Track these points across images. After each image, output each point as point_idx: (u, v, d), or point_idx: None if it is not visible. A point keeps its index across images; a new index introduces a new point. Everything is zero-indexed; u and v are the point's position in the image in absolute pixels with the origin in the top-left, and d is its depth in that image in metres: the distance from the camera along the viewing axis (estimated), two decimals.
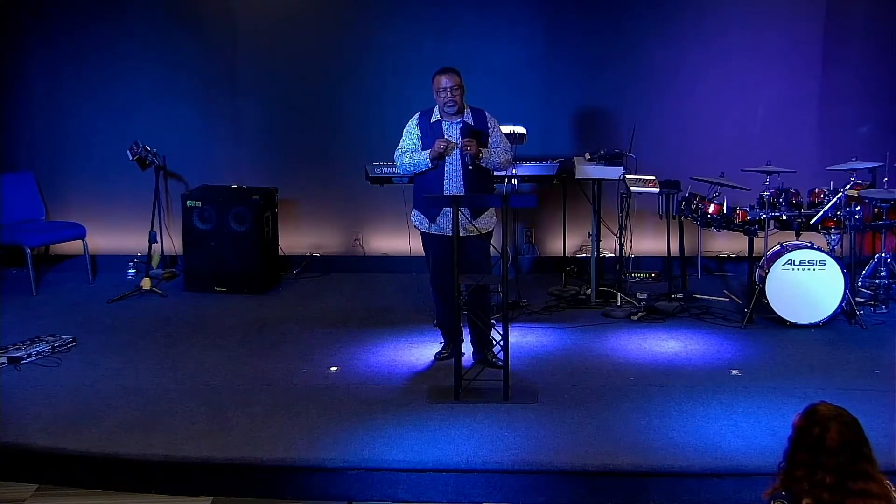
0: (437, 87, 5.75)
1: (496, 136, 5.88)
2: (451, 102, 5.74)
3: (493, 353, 5.89)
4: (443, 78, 5.74)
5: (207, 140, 8.36)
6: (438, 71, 5.79)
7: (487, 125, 5.87)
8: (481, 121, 5.86)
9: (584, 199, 7.55)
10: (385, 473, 4.75)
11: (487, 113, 5.91)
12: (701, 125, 8.08)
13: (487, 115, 5.91)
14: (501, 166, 5.93)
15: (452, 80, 5.74)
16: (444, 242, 5.77)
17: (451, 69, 5.80)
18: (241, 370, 5.98)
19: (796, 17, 8.02)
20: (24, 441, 5.02)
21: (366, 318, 7.00)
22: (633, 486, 4.70)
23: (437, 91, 5.75)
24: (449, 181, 5.78)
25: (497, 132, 5.91)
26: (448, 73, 5.76)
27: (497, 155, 5.84)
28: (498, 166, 5.90)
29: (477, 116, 5.86)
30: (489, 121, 5.89)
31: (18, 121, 8.39)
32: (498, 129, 5.93)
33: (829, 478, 2.86)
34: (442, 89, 5.74)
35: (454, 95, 5.73)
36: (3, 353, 6.09)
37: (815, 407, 2.97)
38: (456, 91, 5.74)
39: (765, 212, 6.82)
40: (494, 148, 5.83)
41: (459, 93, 5.76)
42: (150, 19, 8.22)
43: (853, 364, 5.96)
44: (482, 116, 5.88)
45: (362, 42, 8.19)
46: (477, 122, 5.84)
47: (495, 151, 5.83)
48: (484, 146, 5.78)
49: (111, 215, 8.34)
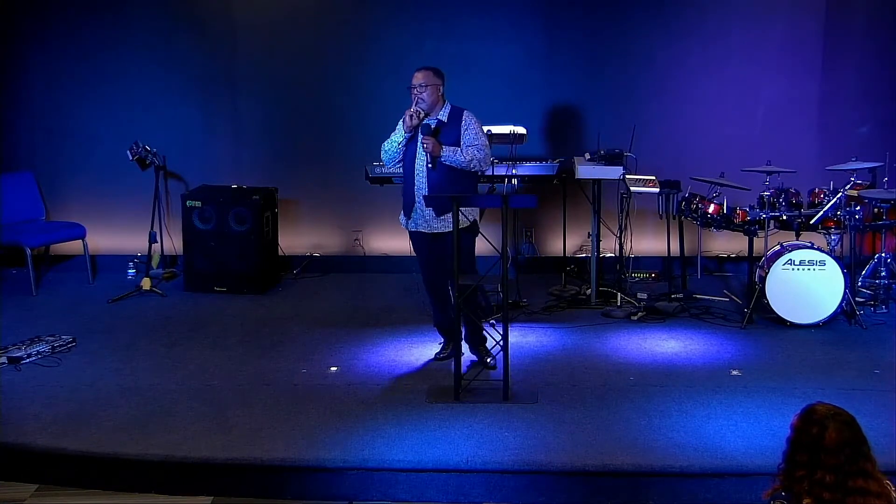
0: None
1: (469, 135, 5.73)
2: (419, 100, 5.70)
3: (487, 349, 5.90)
4: (414, 75, 5.73)
5: (207, 140, 8.36)
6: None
7: (461, 124, 5.75)
8: (456, 119, 5.76)
9: (584, 199, 7.56)
10: (385, 473, 4.75)
11: (467, 112, 5.79)
12: (701, 125, 8.08)
13: (465, 115, 5.78)
14: (470, 166, 5.72)
15: (419, 79, 5.70)
16: (420, 239, 5.86)
17: (426, 67, 5.75)
18: (241, 370, 5.98)
19: (796, 18, 8.02)
20: (24, 441, 5.02)
21: (366, 318, 7.00)
22: (633, 486, 4.70)
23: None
24: (417, 179, 5.75)
25: (471, 132, 5.75)
26: (418, 71, 5.73)
27: (463, 154, 5.68)
28: (464, 165, 5.70)
29: (453, 115, 5.77)
30: (464, 120, 5.76)
31: (18, 121, 8.39)
32: (473, 129, 5.76)
33: (829, 477, 2.86)
34: (410, 86, 5.73)
35: (420, 93, 5.69)
36: (3, 353, 6.09)
37: (812, 407, 2.97)
38: (423, 89, 5.69)
39: (765, 212, 6.82)
40: (466, 146, 5.71)
41: (429, 92, 5.70)
42: (150, 19, 8.22)
43: (853, 364, 5.96)
44: (458, 115, 5.77)
45: (362, 42, 8.19)
46: (452, 120, 5.75)
47: (463, 150, 5.70)
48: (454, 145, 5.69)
49: (111, 215, 8.34)
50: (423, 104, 5.72)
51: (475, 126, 5.78)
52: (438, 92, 5.75)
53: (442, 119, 5.76)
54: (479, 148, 5.75)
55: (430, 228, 5.78)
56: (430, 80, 5.71)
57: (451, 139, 5.72)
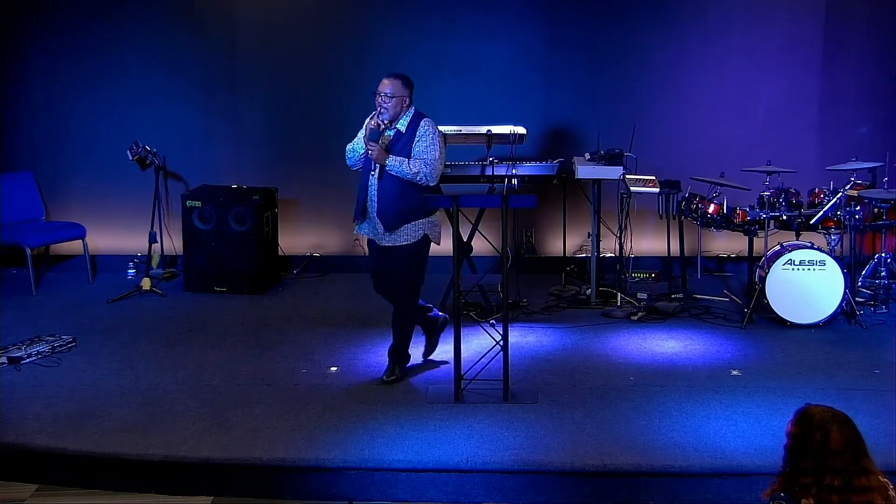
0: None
1: (420, 145, 5.52)
2: (383, 110, 5.51)
3: (401, 369, 5.77)
4: (382, 81, 5.55)
5: (207, 140, 8.36)
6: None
7: (416, 133, 5.54)
8: (414, 128, 5.55)
9: (584, 199, 7.56)
10: (385, 473, 4.75)
11: (426, 121, 5.58)
12: (701, 125, 8.08)
13: (424, 124, 5.56)
14: (416, 178, 5.49)
15: (385, 87, 5.51)
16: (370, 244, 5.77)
17: (395, 76, 5.55)
18: (241, 370, 5.98)
19: (796, 18, 8.02)
20: (24, 441, 5.02)
21: (366, 318, 7.00)
22: (633, 486, 4.70)
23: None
24: (370, 190, 5.61)
25: (423, 143, 5.53)
26: (386, 79, 5.54)
27: (409, 166, 5.48)
28: (409, 177, 5.49)
29: (413, 124, 5.57)
30: (421, 128, 5.54)
31: (18, 121, 8.39)
32: (426, 140, 5.53)
33: (836, 480, 2.86)
34: (375, 93, 5.55)
35: (385, 102, 5.49)
36: (3, 353, 6.09)
37: (807, 412, 2.96)
38: (388, 99, 5.49)
39: (765, 212, 6.82)
40: (414, 159, 5.51)
41: (393, 102, 5.49)
42: (150, 19, 8.22)
43: (853, 364, 5.96)
44: (417, 124, 5.56)
45: (362, 42, 8.18)
46: (410, 130, 5.55)
47: (410, 161, 5.50)
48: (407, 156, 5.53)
49: (111, 215, 8.34)
50: (386, 114, 5.52)
51: (430, 137, 5.54)
52: (404, 103, 5.54)
53: (400, 129, 5.56)
54: (427, 162, 5.50)
55: (380, 241, 5.66)
56: (398, 90, 5.51)
57: (405, 151, 5.53)
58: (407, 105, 5.59)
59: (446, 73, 8.11)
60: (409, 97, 5.59)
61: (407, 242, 5.61)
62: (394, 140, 5.57)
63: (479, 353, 5.59)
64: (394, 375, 5.75)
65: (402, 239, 5.61)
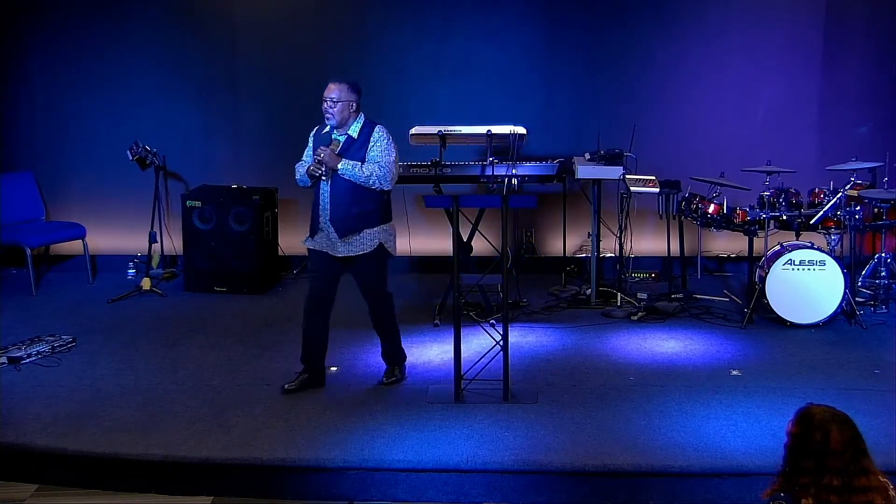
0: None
1: (375, 150, 5.40)
2: (328, 115, 5.39)
3: (400, 369, 5.77)
4: (328, 86, 5.39)
5: (207, 140, 8.36)
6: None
7: (370, 139, 5.42)
8: (367, 135, 5.43)
9: (584, 199, 7.56)
10: (385, 473, 4.75)
11: (380, 128, 5.46)
12: (701, 125, 8.08)
13: (377, 130, 5.45)
14: (369, 182, 5.37)
15: (331, 92, 5.37)
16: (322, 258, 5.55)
17: (341, 81, 5.40)
18: (241, 370, 5.98)
19: (796, 18, 8.02)
20: (24, 441, 5.02)
21: (366, 318, 6.95)
22: (633, 486, 4.70)
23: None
24: (323, 196, 5.47)
25: (378, 148, 5.40)
26: (331, 83, 5.39)
27: (363, 169, 5.36)
28: (363, 181, 5.37)
29: (365, 130, 5.44)
30: (375, 134, 5.43)
31: (18, 121, 8.39)
32: (381, 146, 5.41)
33: (836, 480, 2.86)
34: (322, 99, 5.41)
35: (331, 107, 5.36)
36: (3, 353, 6.09)
37: (807, 411, 2.96)
38: (334, 105, 5.35)
39: (765, 212, 6.82)
40: (368, 163, 5.39)
41: (340, 108, 5.35)
42: (150, 19, 8.22)
43: (853, 364, 5.96)
44: (370, 132, 5.44)
45: (362, 42, 8.19)
46: (362, 136, 5.43)
47: (362, 165, 5.37)
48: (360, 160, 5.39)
49: (111, 215, 8.34)
50: (333, 120, 5.39)
51: (384, 142, 5.43)
52: (351, 108, 5.39)
53: (352, 135, 5.44)
54: (382, 165, 5.39)
55: (335, 251, 5.48)
56: (345, 95, 5.36)
57: (359, 156, 5.41)
58: (355, 111, 5.43)
59: (446, 73, 8.12)
60: (357, 102, 5.43)
61: (363, 252, 5.47)
62: (345, 145, 5.42)
63: (479, 353, 5.59)
64: (394, 377, 5.73)
65: (357, 248, 5.47)
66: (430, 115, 7.52)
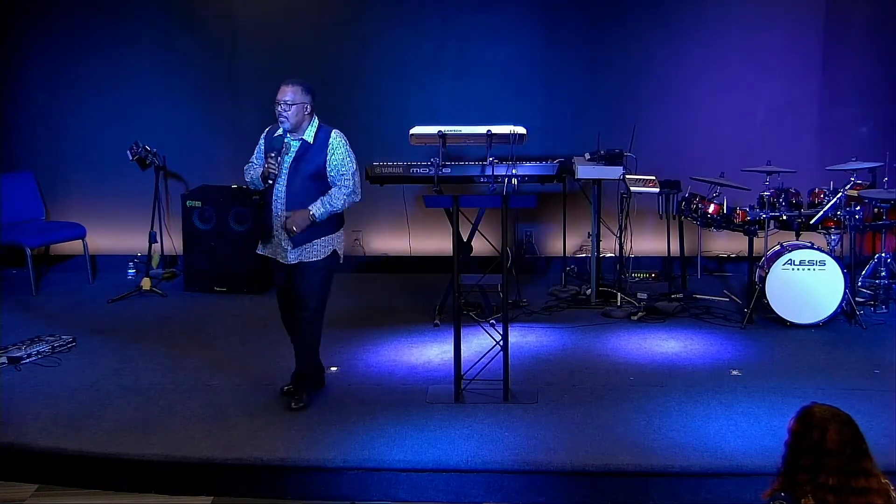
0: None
1: (335, 159, 5.24)
2: (282, 118, 5.18)
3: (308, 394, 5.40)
4: (281, 88, 5.19)
5: (207, 140, 8.36)
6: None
7: (327, 147, 5.23)
8: (323, 141, 5.24)
9: (584, 199, 7.56)
10: (385, 473, 4.75)
11: (336, 133, 5.27)
12: (701, 125, 8.08)
13: (333, 136, 5.25)
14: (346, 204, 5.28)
15: (286, 94, 5.16)
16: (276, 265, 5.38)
17: (294, 82, 5.20)
18: (241, 370, 5.98)
19: (796, 18, 8.01)
20: (24, 441, 5.02)
21: (366, 318, 7.00)
22: (633, 486, 4.70)
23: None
24: (276, 200, 5.26)
25: (338, 156, 5.24)
26: (285, 85, 5.19)
27: (333, 202, 5.22)
28: (340, 209, 5.27)
29: (321, 135, 5.25)
30: (333, 140, 5.24)
31: (18, 121, 8.39)
32: (340, 156, 5.24)
33: (832, 479, 2.86)
34: (275, 101, 5.20)
35: (285, 110, 5.16)
36: (3, 353, 6.09)
37: (809, 410, 2.96)
38: (288, 108, 5.15)
39: (765, 212, 6.82)
40: (333, 191, 5.24)
41: (294, 110, 5.15)
42: (150, 19, 8.22)
43: (853, 364, 5.96)
44: (326, 136, 5.25)
45: (362, 42, 8.19)
46: (318, 141, 5.24)
47: (331, 195, 5.23)
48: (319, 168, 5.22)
49: (111, 215, 8.34)
50: (287, 123, 5.18)
51: (343, 148, 5.26)
52: (305, 111, 5.20)
53: (307, 139, 5.24)
54: (346, 185, 5.25)
55: (285, 258, 5.28)
56: (298, 97, 5.16)
57: (317, 162, 5.22)
58: (309, 113, 5.25)
59: (446, 74, 8.12)
60: (311, 105, 5.25)
61: (317, 258, 5.29)
62: (300, 151, 5.24)
63: (479, 353, 5.59)
64: (302, 402, 5.35)
65: (311, 255, 5.28)
66: (430, 116, 7.52)
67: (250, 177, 5.41)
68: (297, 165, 5.24)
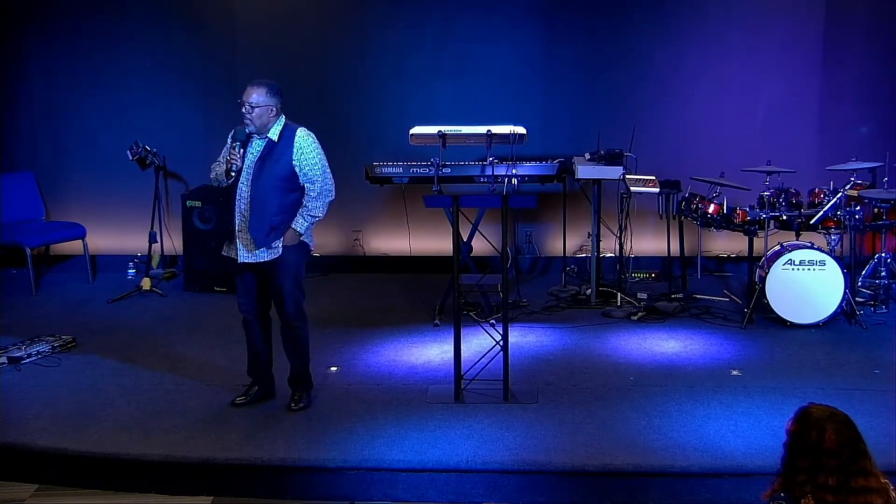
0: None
1: (306, 159, 5.15)
2: (247, 120, 5.11)
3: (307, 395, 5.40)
4: (246, 90, 5.13)
5: (207, 140, 8.32)
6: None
7: (293, 145, 5.14)
8: (289, 139, 5.15)
9: (584, 199, 7.56)
10: (385, 473, 4.75)
11: (302, 131, 5.19)
12: (701, 125, 8.08)
13: (299, 135, 5.17)
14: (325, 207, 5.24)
15: (250, 96, 5.10)
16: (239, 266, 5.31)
17: (259, 84, 5.13)
18: (241, 370, 5.96)
19: (796, 18, 8.02)
20: (24, 441, 5.02)
21: (366, 318, 7.00)
22: (633, 486, 4.70)
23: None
24: (240, 198, 5.18)
25: (308, 156, 5.15)
26: (250, 87, 5.13)
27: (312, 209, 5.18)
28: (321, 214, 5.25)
29: (287, 133, 5.16)
30: (298, 141, 5.14)
31: (18, 121, 8.39)
32: (310, 156, 5.16)
33: (831, 479, 2.86)
34: (239, 102, 5.15)
35: (249, 112, 5.09)
36: (3, 353, 6.09)
37: (806, 410, 2.97)
38: (252, 110, 5.08)
39: (765, 212, 6.82)
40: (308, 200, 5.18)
41: (258, 112, 5.08)
42: (150, 19, 8.22)
43: (853, 364, 5.96)
44: (292, 134, 5.16)
45: (362, 42, 8.19)
46: (284, 140, 5.15)
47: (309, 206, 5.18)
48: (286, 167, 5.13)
49: (111, 215, 8.35)
50: (252, 126, 5.11)
51: (312, 152, 5.17)
52: (270, 113, 5.12)
53: (272, 138, 5.15)
54: (317, 187, 5.19)
55: (255, 258, 5.21)
56: (264, 99, 5.09)
57: (282, 161, 5.13)
58: (274, 115, 5.16)
59: (446, 74, 8.12)
60: (277, 106, 5.16)
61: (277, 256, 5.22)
62: (265, 150, 5.16)
63: (479, 353, 5.59)
64: (303, 402, 5.36)
65: (273, 253, 5.21)
66: (430, 116, 7.52)
67: (215, 174, 5.28)
68: (261, 164, 5.16)
